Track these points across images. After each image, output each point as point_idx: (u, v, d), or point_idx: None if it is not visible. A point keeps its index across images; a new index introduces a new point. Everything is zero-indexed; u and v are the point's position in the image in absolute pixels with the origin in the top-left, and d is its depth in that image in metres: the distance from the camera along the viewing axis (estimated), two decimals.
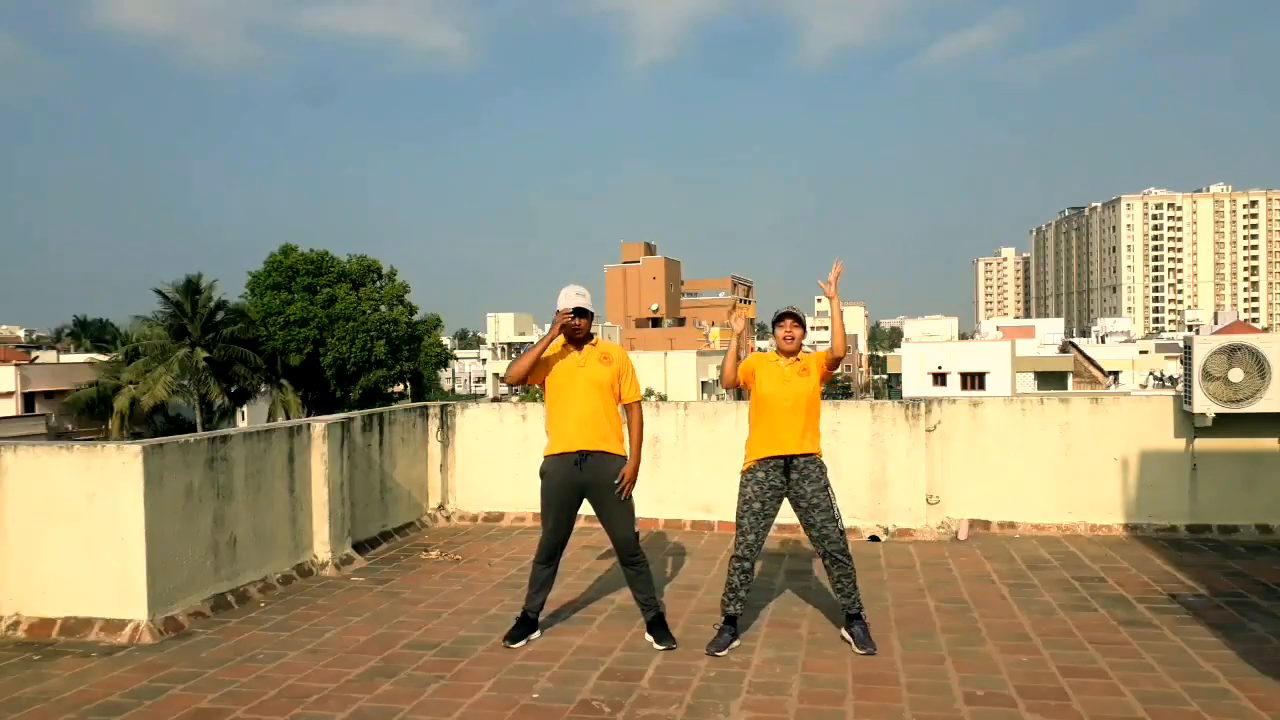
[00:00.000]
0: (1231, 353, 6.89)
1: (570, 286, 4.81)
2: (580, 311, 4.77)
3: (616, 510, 4.87)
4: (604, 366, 4.86)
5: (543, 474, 4.93)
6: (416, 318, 46.91)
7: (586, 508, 4.94)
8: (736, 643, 4.79)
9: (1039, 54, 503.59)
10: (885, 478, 7.33)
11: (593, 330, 4.93)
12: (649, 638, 4.86)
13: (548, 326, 4.96)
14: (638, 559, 4.90)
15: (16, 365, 45.38)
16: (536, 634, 5.00)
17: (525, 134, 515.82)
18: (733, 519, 7.53)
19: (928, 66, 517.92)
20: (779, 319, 4.85)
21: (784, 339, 4.83)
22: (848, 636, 4.78)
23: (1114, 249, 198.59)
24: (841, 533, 4.78)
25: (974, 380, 58.72)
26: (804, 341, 4.89)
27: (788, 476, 4.78)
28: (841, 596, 4.82)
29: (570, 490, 4.86)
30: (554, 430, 4.88)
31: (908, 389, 59.52)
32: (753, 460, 4.83)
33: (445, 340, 56.82)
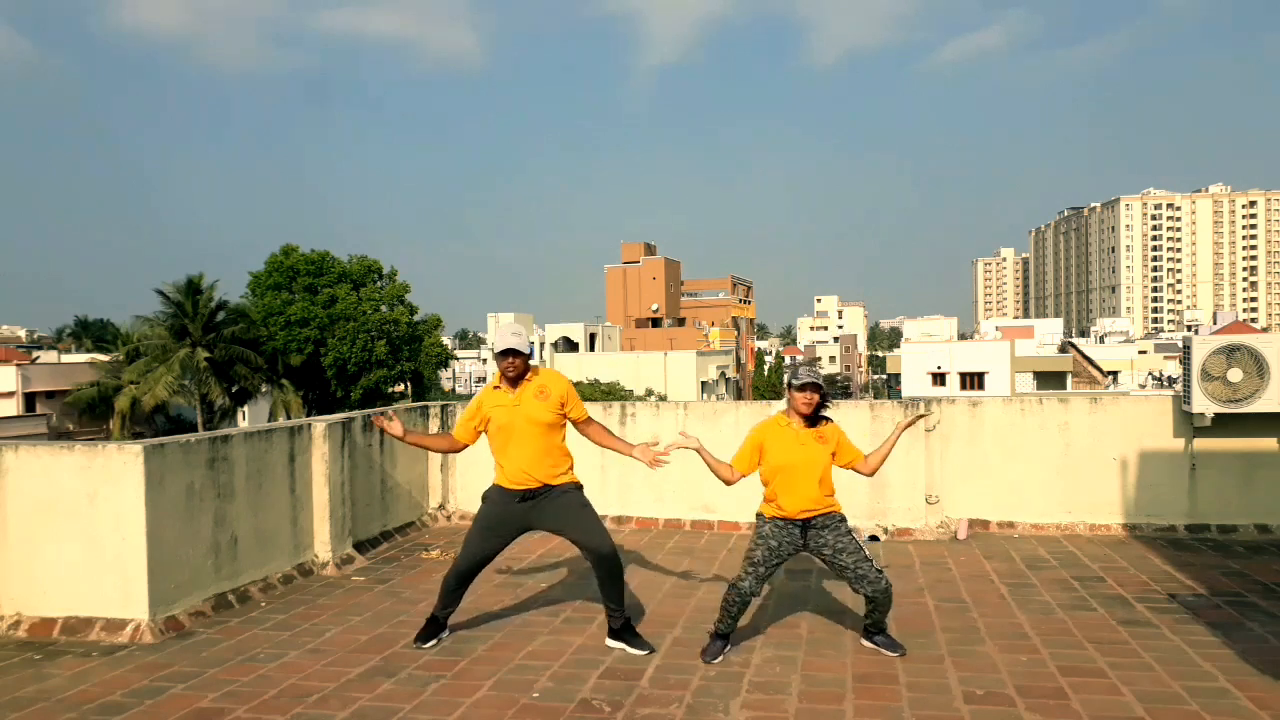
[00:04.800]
0: (1230, 353, 6.90)
1: (505, 325, 4.80)
2: (511, 352, 4.66)
3: (583, 522, 4.76)
4: (541, 401, 4.72)
5: (485, 498, 4.88)
6: (417, 318, 46.93)
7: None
8: (729, 648, 4.75)
9: (1039, 56, 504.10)
10: (884, 477, 7.33)
11: (531, 362, 4.80)
12: (618, 644, 4.77)
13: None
14: (619, 567, 4.81)
15: (17, 365, 45.34)
16: (446, 633, 5.00)
17: (527, 134, 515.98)
18: (733, 519, 7.59)
19: (928, 69, 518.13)
20: (801, 387, 4.59)
21: (804, 404, 4.59)
22: (873, 646, 4.73)
23: (1113, 249, 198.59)
24: (880, 572, 4.59)
25: (973, 380, 58.75)
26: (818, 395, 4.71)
27: (805, 535, 4.63)
28: (870, 619, 4.73)
29: (514, 521, 4.82)
30: (499, 468, 4.83)
31: (907, 389, 59.55)
32: (771, 514, 4.67)
33: (445, 340, 56.83)
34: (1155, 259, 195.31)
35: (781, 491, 4.61)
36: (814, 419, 4.68)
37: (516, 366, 4.70)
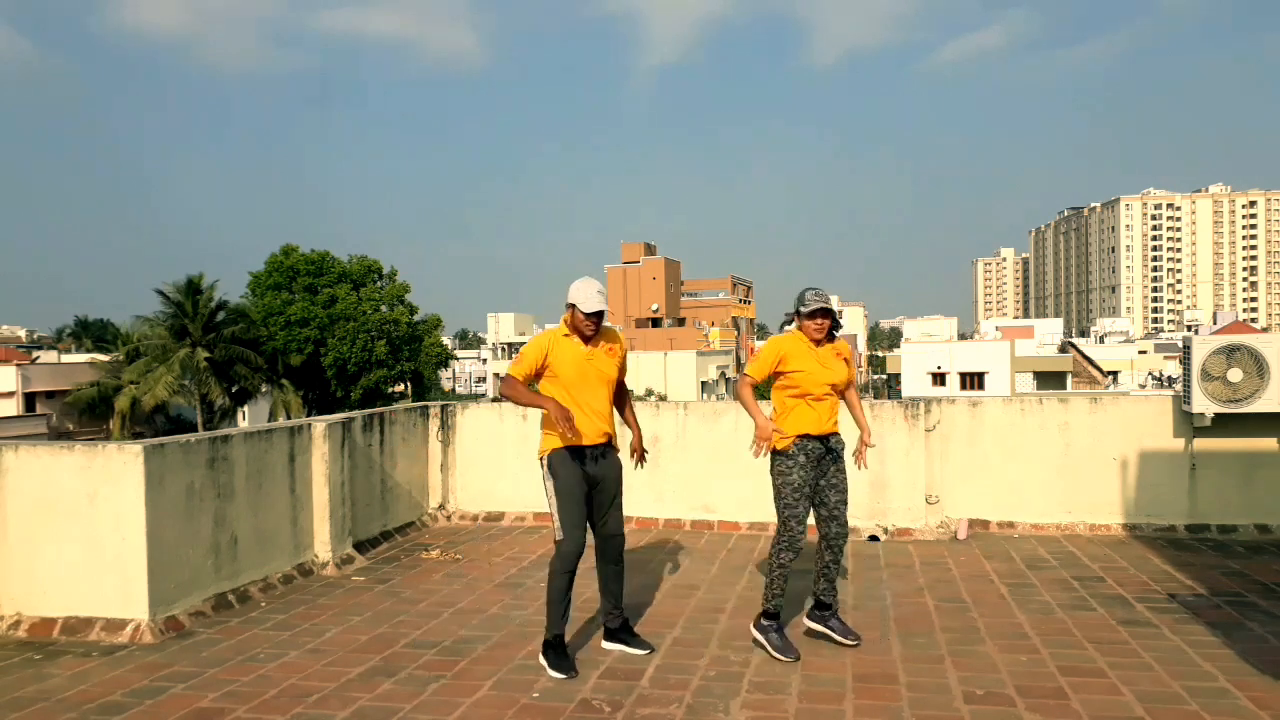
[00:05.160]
0: (1230, 353, 6.90)
1: (588, 282, 4.57)
2: (600, 314, 4.55)
3: (616, 506, 4.75)
4: (610, 359, 4.68)
5: (554, 470, 4.57)
6: (417, 318, 46.94)
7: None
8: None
9: (1039, 56, 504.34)
10: (884, 477, 7.33)
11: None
12: (616, 645, 4.74)
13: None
14: (623, 557, 4.82)
15: (18, 365, 45.34)
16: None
17: (527, 134, 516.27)
18: (732, 519, 7.59)
19: (928, 69, 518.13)
20: (811, 314, 4.64)
21: (815, 329, 4.66)
22: (826, 630, 4.74)
23: (1113, 249, 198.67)
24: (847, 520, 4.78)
25: (973, 380, 58.75)
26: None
27: (822, 459, 4.70)
28: (825, 582, 4.78)
29: (583, 484, 4.61)
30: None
31: (907, 389, 59.56)
32: (795, 436, 4.63)
33: (445, 340, 56.84)
34: (1155, 259, 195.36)
35: (806, 403, 4.65)
36: (829, 337, 4.73)
37: (598, 327, 4.62)
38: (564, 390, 4.59)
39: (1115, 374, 65.70)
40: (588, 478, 4.62)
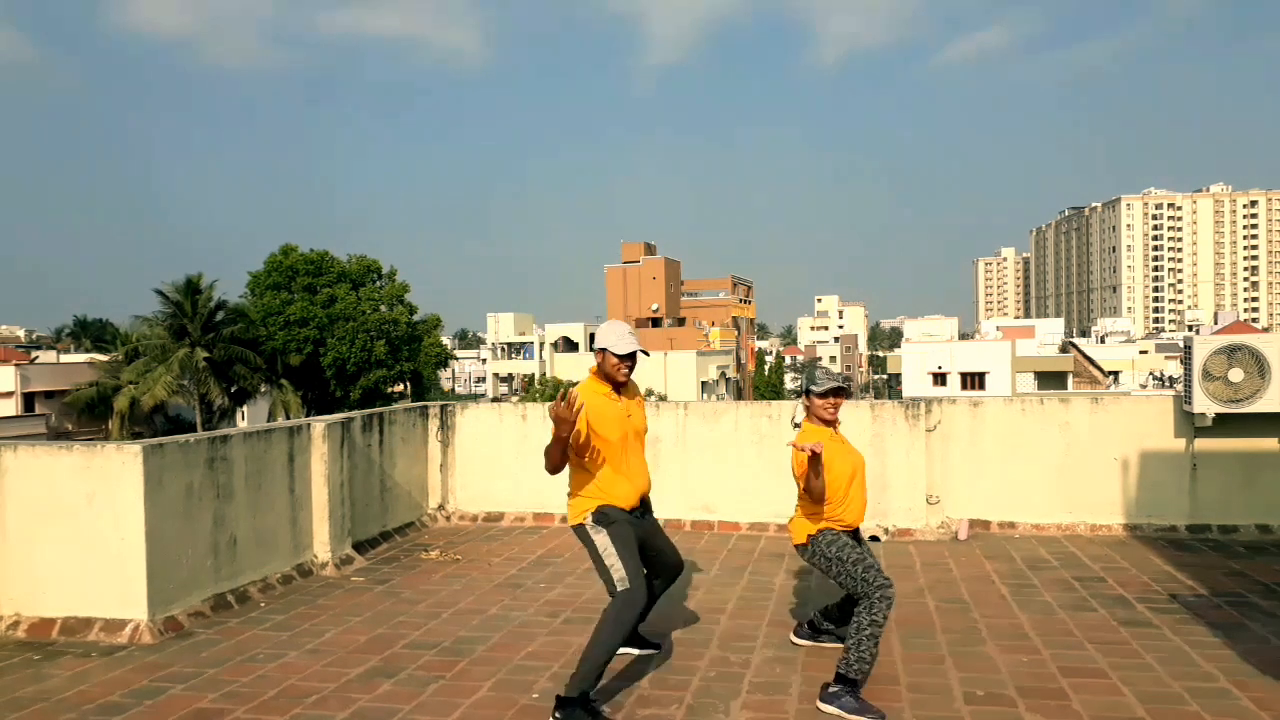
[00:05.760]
0: (1231, 353, 6.89)
1: (616, 324, 4.31)
2: (635, 355, 4.21)
3: (666, 537, 4.56)
4: (641, 410, 4.41)
5: (605, 519, 4.16)
6: (416, 318, 46.95)
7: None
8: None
9: (1041, 56, 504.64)
10: (885, 478, 7.32)
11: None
12: (626, 650, 4.63)
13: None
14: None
15: (16, 365, 45.36)
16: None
17: (528, 134, 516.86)
18: (733, 519, 7.58)
19: (929, 69, 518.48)
20: (824, 394, 4.27)
21: (830, 410, 4.29)
22: (835, 712, 3.95)
23: (1114, 249, 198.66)
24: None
25: (974, 380, 58.76)
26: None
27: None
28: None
29: (633, 529, 4.27)
30: (609, 487, 4.19)
31: (908, 389, 59.55)
32: (838, 526, 4.32)
33: (445, 340, 56.87)
34: (1156, 259, 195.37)
35: (850, 501, 4.31)
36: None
37: (632, 370, 4.27)
38: (605, 451, 4.17)
39: (1116, 374, 65.70)
40: (635, 527, 4.30)
